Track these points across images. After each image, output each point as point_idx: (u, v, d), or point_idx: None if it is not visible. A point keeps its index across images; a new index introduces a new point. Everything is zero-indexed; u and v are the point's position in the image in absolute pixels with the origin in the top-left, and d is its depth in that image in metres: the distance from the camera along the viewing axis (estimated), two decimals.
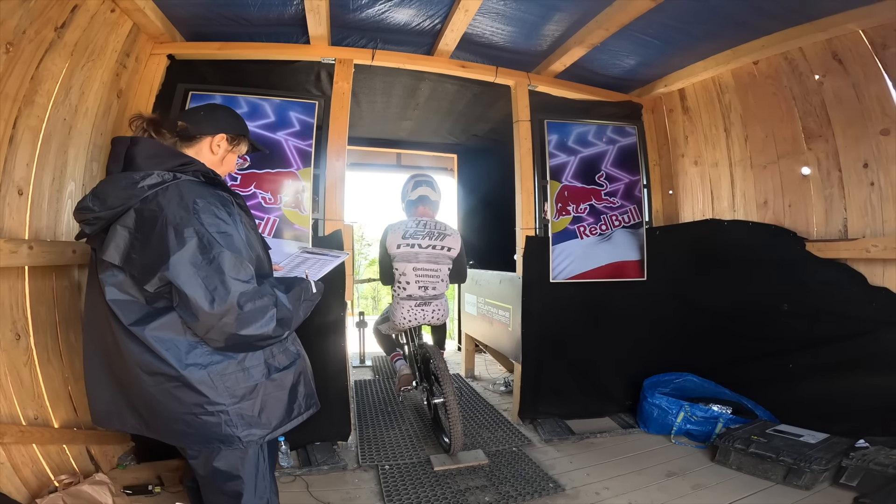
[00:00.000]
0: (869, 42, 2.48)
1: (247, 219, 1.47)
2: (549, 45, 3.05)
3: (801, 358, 2.77)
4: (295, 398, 1.45)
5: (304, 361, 1.55)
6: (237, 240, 1.30)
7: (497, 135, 4.72)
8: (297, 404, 1.47)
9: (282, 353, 1.44)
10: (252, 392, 1.34)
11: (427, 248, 2.91)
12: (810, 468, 2.20)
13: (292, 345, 1.52)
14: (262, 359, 1.38)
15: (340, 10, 2.65)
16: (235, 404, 1.31)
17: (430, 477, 2.46)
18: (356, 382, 4.18)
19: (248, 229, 1.43)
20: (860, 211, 2.61)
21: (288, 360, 1.45)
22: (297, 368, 1.48)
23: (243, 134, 1.61)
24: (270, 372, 1.39)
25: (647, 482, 2.41)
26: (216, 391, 1.29)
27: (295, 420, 1.46)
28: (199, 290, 1.20)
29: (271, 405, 1.39)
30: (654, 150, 3.75)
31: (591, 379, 3.31)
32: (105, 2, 2.16)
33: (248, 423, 1.34)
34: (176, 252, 1.20)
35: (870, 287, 2.53)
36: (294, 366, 1.46)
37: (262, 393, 1.36)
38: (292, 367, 1.45)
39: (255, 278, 1.28)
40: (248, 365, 1.34)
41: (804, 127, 2.84)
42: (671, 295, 3.44)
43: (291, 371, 1.45)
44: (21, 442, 1.80)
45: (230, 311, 1.21)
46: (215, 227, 1.26)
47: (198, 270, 1.21)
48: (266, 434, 1.38)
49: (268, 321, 1.27)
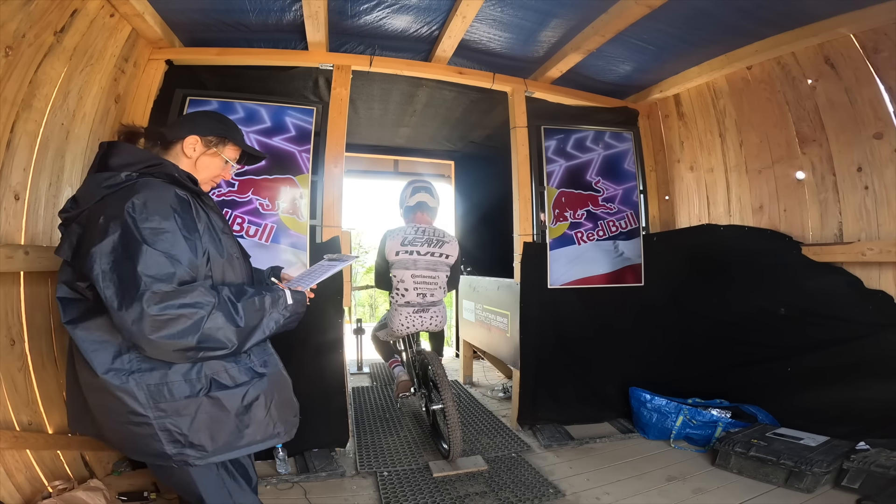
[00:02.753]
0: (860, 46, 2.51)
1: (220, 223, 1.40)
2: (545, 51, 3.08)
3: (800, 361, 2.77)
4: (247, 423, 1.28)
5: (273, 383, 1.37)
6: (174, 239, 1.18)
7: (494, 141, 4.74)
8: (252, 430, 1.29)
9: (235, 369, 1.29)
10: (184, 408, 1.21)
11: (426, 256, 2.91)
12: (812, 471, 2.19)
13: (256, 361, 1.35)
14: (202, 372, 1.24)
15: (338, 17, 2.67)
16: (162, 418, 1.19)
17: (430, 483, 2.44)
18: (354, 389, 4.15)
19: (217, 233, 1.36)
20: (855, 215, 2.62)
21: (243, 377, 1.29)
22: (256, 389, 1.30)
23: (223, 135, 1.50)
24: (212, 388, 1.23)
25: (648, 487, 2.39)
26: (137, 401, 1.17)
27: (246, 448, 1.29)
28: (111, 286, 1.12)
29: (209, 425, 1.23)
30: (650, 155, 3.77)
31: (589, 384, 3.30)
32: (104, 7, 2.17)
33: (178, 441, 1.21)
34: (97, 244, 1.13)
35: (866, 290, 2.54)
36: (249, 385, 1.29)
37: (198, 410, 1.22)
38: (245, 387, 1.28)
39: (187, 282, 1.16)
40: (183, 377, 1.21)
41: (798, 132, 2.87)
42: (668, 300, 3.45)
43: (243, 390, 1.28)
44: (15, 447, 1.78)
45: (141, 312, 1.08)
46: (148, 222, 1.16)
47: (114, 266, 1.12)
48: (203, 457, 1.23)
49: (191, 329, 1.13)
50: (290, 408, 1.44)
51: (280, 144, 2.78)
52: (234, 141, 1.53)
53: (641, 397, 3.06)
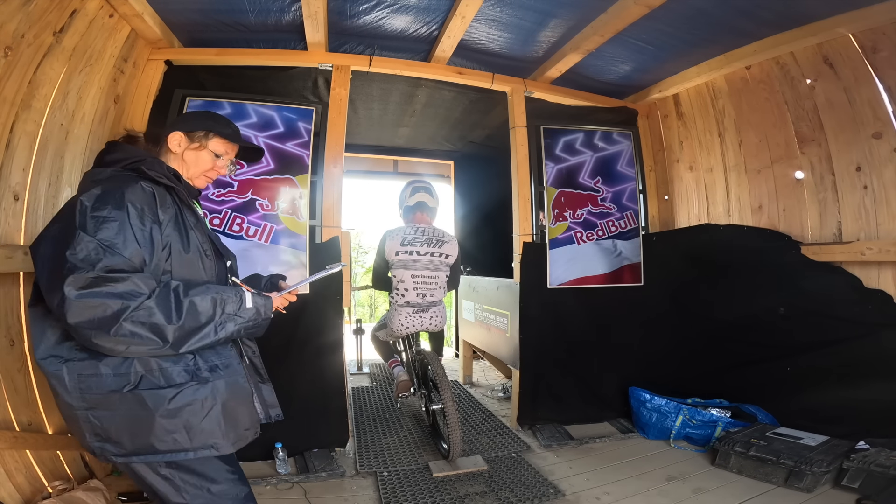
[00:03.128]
0: (859, 46, 2.51)
1: (192, 219, 1.37)
2: (544, 51, 3.08)
3: (799, 361, 2.77)
4: (174, 427, 1.19)
5: (220, 391, 1.26)
6: (118, 228, 1.14)
7: (494, 141, 4.75)
8: (181, 436, 1.20)
9: (173, 369, 1.21)
10: (107, 401, 1.16)
11: (426, 256, 2.91)
12: (811, 470, 2.20)
13: (203, 364, 1.26)
14: (132, 367, 1.17)
15: (338, 17, 2.67)
16: (86, 410, 1.16)
17: (430, 483, 2.44)
18: (354, 389, 4.15)
19: (185, 228, 1.32)
20: (854, 214, 2.63)
21: (179, 378, 1.21)
22: (192, 394, 1.21)
23: (207, 129, 1.47)
24: (140, 385, 1.17)
25: (648, 486, 2.39)
26: (67, 390, 1.15)
27: (170, 455, 1.19)
28: (45, 270, 1.12)
29: (130, 423, 1.17)
30: (649, 155, 3.78)
31: (589, 384, 3.31)
32: (104, 7, 2.17)
33: (98, 434, 1.17)
34: (48, 229, 1.17)
35: (865, 290, 2.54)
36: (183, 388, 1.20)
37: (120, 406, 1.16)
38: (176, 389, 1.19)
39: (121, 271, 1.11)
40: (113, 371, 1.16)
41: (797, 131, 2.87)
42: (668, 300, 3.45)
43: (173, 392, 1.19)
44: (14, 447, 1.78)
45: (63, 297, 1.05)
46: (98, 211, 1.14)
47: (53, 250, 1.12)
48: (123, 455, 1.18)
49: (111, 318, 1.07)
50: (242, 420, 1.33)
51: (279, 145, 2.78)
52: (220, 134, 1.49)
53: (641, 397, 3.06)
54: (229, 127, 1.52)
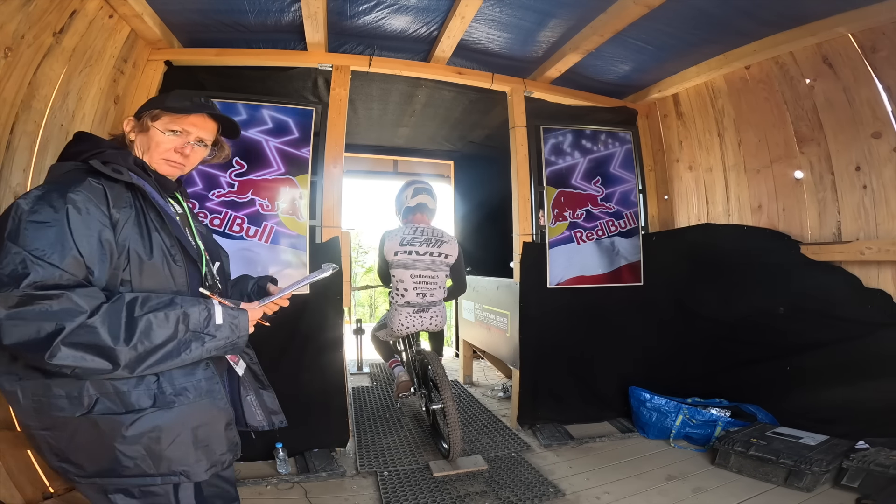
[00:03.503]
0: (858, 46, 2.51)
1: (157, 220, 1.19)
2: (544, 51, 3.08)
3: (799, 361, 2.77)
4: (133, 454, 1.06)
5: (189, 416, 1.12)
6: (55, 235, 1.00)
7: (493, 141, 4.75)
8: (146, 463, 1.07)
9: (132, 393, 1.06)
10: (61, 424, 1.05)
11: (424, 255, 2.91)
12: (811, 470, 2.20)
13: (168, 387, 1.11)
14: (85, 390, 1.04)
15: (338, 17, 2.67)
16: (41, 430, 1.06)
17: (430, 483, 2.45)
18: (354, 389, 4.15)
19: (149, 230, 1.15)
20: (853, 214, 2.63)
21: (140, 403, 1.07)
22: (154, 420, 1.07)
23: (153, 107, 1.27)
24: (94, 408, 1.04)
25: (648, 486, 2.40)
26: (22, 409, 1.06)
27: (135, 479, 1.08)
28: None
29: (89, 447, 1.06)
30: (649, 155, 3.78)
31: (589, 384, 3.31)
32: (103, 7, 2.17)
33: (58, 455, 1.08)
34: None
35: (865, 289, 2.54)
36: (143, 414, 1.06)
37: (76, 429, 1.05)
38: (135, 415, 1.05)
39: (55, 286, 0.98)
40: (66, 393, 1.04)
41: (796, 131, 2.88)
42: (668, 299, 3.46)
43: (131, 419, 1.05)
44: (16, 447, 1.78)
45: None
46: (36, 215, 1.01)
47: None
48: (84, 476, 1.08)
49: (45, 341, 0.95)
50: (217, 446, 1.19)
51: (279, 145, 2.78)
52: (168, 109, 1.26)
53: (641, 396, 3.06)
54: (184, 100, 1.29)
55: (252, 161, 2.72)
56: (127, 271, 1.11)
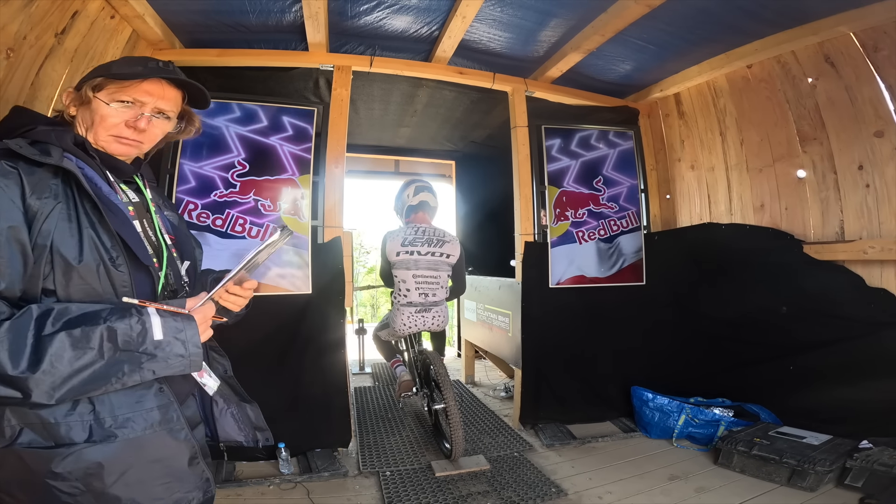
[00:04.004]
0: (860, 45, 2.51)
1: (95, 215, 0.94)
2: (545, 50, 3.08)
3: (802, 360, 2.77)
4: (71, 492, 0.87)
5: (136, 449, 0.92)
6: None
7: (495, 141, 4.75)
8: (74, 497, 0.87)
9: (60, 425, 0.87)
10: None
11: (426, 255, 2.91)
12: (814, 469, 2.19)
13: (108, 418, 0.91)
14: (5, 420, 0.87)
15: (339, 17, 2.67)
16: None
17: (432, 483, 2.44)
18: (356, 389, 4.15)
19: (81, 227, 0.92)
20: (856, 213, 2.62)
21: (74, 436, 0.88)
22: (88, 458, 0.87)
23: (97, 75, 1.04)
24: (16, 441, 0.86)
25: (650, 486, 2.39)
26: None
27: None
28: None
29: (20, 482, 0.90)
30: (650, 154, 3.77)
31: (591, 383, 3.30)
32: (105, 8, 2.17)
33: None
34: None
35: (868, 288, 2.54)
36: (76, 451, 0.87)
37: (3, 461, 0.89)
38: (66, 451, 0.86)
39: None
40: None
41: (799, 130, 2.87)
42: (671, 299, 3.45)
43: (61, 454, 0.86)
44: None
45: None
46: None
47: None
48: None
49: None
50: (182, 483, 0.99)
51: (281, 145, 2.78)
52: (112, 75, 1.04)
53: (643, 396, 3.06)
54: (135, 65, 1.06)
55: (254, 161, 2.72)
56: (51, 279, 0.89)
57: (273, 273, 2.68)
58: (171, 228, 1.18)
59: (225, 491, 2.32)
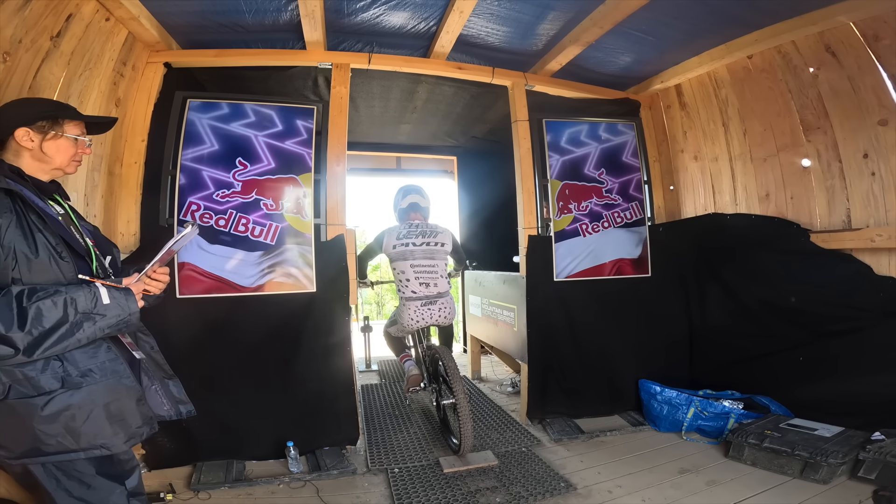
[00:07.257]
0: (861, 34, 2.48)
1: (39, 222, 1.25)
2: (544, 44, 3.05)
3: (811, 351, 2.74)
4: (54, 431, 1.20)
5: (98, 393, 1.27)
6: None
7: (496, 135, 4.72)
8: (66, 439, 1.22)
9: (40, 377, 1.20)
10: None
11: (421, 246, 2.97)
12: (827, 462, 2.17)
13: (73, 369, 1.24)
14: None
15: (335, 15, 2.65)
16: None
17: (440, 479, 2.44)
18: (363, 387, 4.15)
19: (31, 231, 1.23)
20: (863, 201, 2.60)
21: (50, 385, 1.20)
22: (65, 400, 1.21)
23: (53, 117, 1.37)
24: (9, 394, 1.17)
25: (660, 479, 2.38)
26: None
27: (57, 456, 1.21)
28: None
29: (11, 429, 1.20)
30: (653, 146, 3.75)
31: (598, 377, 3.28)
32: (99, 10, 2.16)
33: None
34: None
35: (876, 277, 2.51)
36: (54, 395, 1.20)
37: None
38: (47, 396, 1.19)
39: None
40: None
41: (802, 119, 2.84)
42: (677, 290, 3.43)
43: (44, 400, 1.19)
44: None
45: None
46: None
47: None
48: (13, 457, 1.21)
49: None
50: (132, 419, 1.33)
51: (281, 144, 2.76)
52: (70, 116, 1.41)
53: (651, 389, 3.04)
54: (68, 107, 1.45)
55: (255, 161, 2.71)
56: (16, 270, 1.20)
57: (277, 272, 2.68)
58: (90, 234, 1.46)
59: (235, 490, 2.32)
